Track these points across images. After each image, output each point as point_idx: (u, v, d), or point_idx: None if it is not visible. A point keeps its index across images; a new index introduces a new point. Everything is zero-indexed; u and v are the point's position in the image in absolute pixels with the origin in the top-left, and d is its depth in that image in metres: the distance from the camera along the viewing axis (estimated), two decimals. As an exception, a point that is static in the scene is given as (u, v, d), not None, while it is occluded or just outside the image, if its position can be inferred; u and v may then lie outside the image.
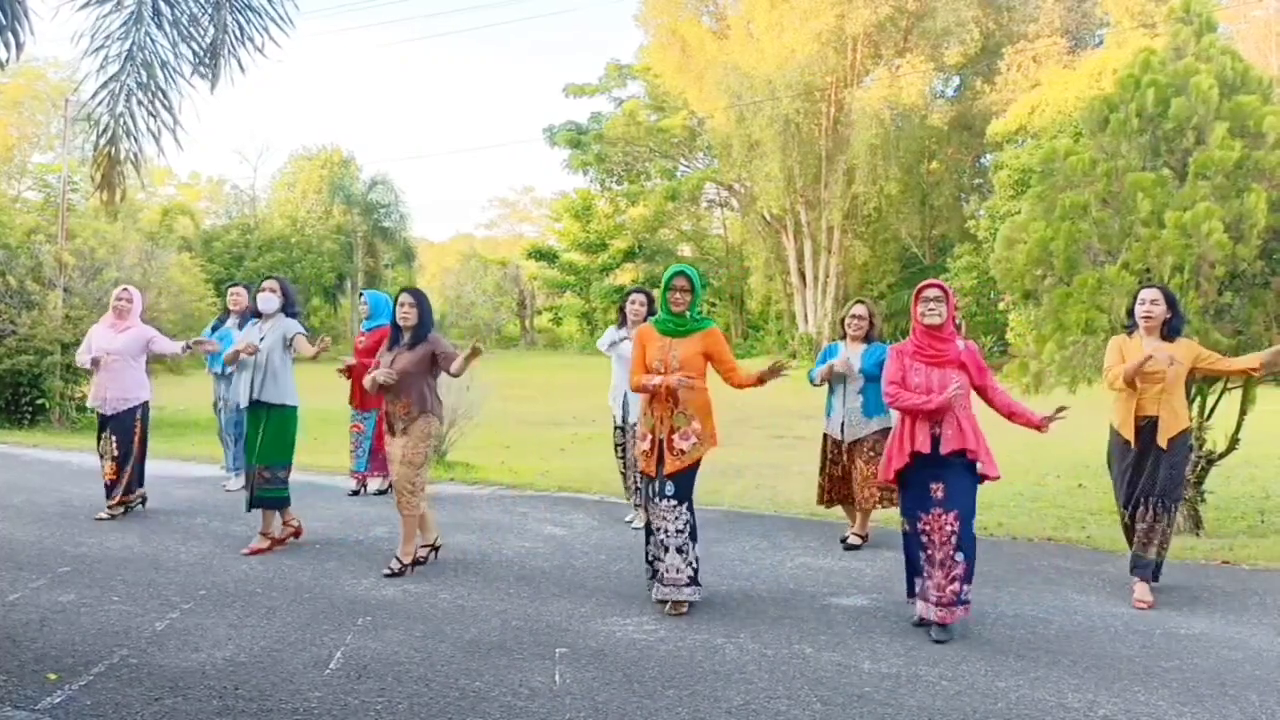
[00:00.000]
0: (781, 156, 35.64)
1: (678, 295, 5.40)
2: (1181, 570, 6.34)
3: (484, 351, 5.95)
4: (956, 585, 4.91)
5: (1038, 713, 3.99)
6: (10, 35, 3.62)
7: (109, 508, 7.53)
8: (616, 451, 7.72)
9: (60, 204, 28.43)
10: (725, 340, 5.55)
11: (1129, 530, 5.76)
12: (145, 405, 7.70)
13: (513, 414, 17.26)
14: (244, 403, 6.69)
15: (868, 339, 6.94)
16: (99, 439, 7.62)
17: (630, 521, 7.54)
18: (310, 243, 44.44)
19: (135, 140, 4.77)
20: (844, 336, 7.07)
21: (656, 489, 5.37)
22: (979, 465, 4.99)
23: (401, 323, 6.09)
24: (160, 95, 4.80)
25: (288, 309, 6.88)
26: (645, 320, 6.67)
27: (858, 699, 4.10)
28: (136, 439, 7.60)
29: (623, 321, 7.50)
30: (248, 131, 74.71)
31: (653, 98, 44.34)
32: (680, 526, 5.33)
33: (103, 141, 4.74)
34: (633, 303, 7.42)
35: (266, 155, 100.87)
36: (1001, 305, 25.03)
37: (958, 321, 4.97)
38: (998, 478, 5.06)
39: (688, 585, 5.33)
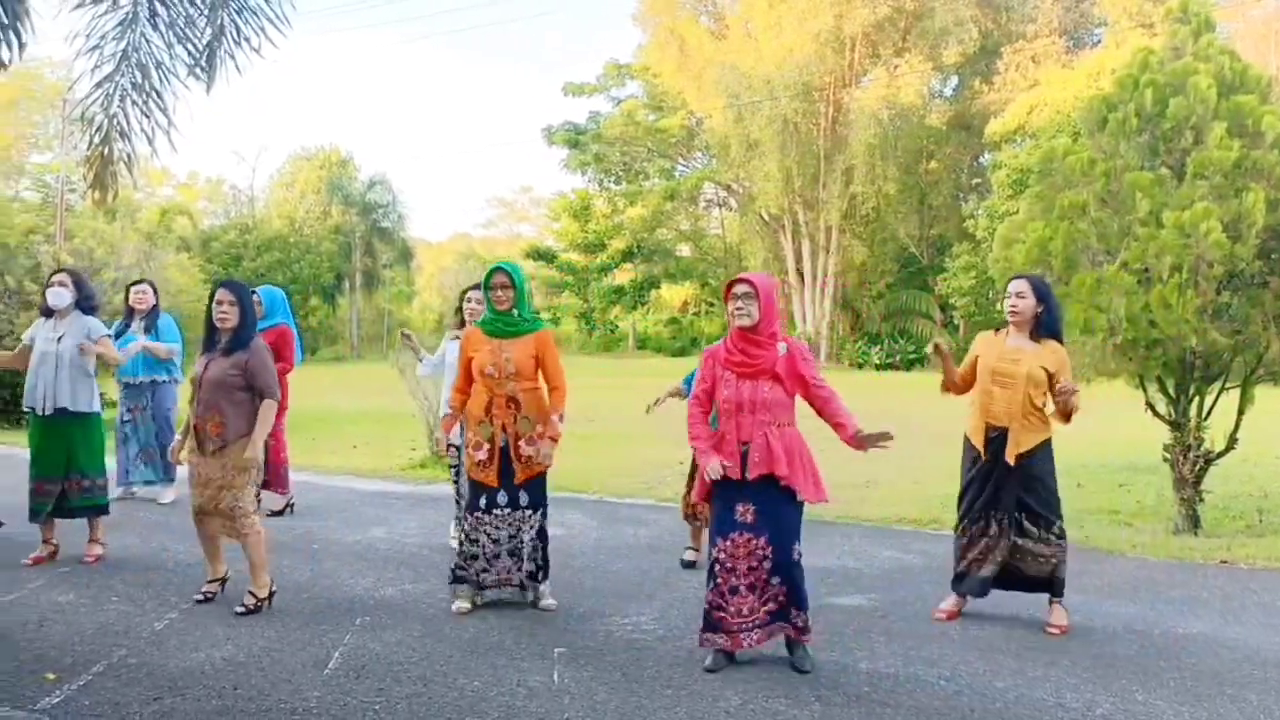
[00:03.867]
0: (780, 156, 35.69)
1: (499, 293, 5.19)
2: (1180, 570, 6.35)
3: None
4: (772, 604, 4.40)
5: (1035, 713, 3.99)
6: (13, 35, 3.62)
7: None
8: (453, 475, 6.72)
9: (58, 204, 28.49)
10: (555, 349, 5.29)
11: (964, 546, 5.22)
12: None
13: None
14: (43, 410, 6.07)
15: None
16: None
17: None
18: (309, 243, 44.49)
19: (129, 140, 4.77)
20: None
21: (503, 499, 5.18)
22: (798, 493, 4.39)
23: (219, 324, 5.20)
24: (155, 95, 4.80)
25: (84, 304, 6.25)
26: None
27: (856, 699, 4.10)
28: None
29: (462, 323, 6.50)
30: (246, 131, 74.67)
31: (651, 97, 44.39)
32: (532, 535, 5.21)
33: (96, 141, 4.74)
34: (469, 300, 6.42)
35: (265, 155, 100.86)
36: (999, 305, 25.05)
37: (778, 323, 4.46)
38: (821, 500, 4.51)
39: (521, 586, 5.26)
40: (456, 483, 6.53)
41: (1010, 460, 4.99)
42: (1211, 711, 4.01)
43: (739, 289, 4.43)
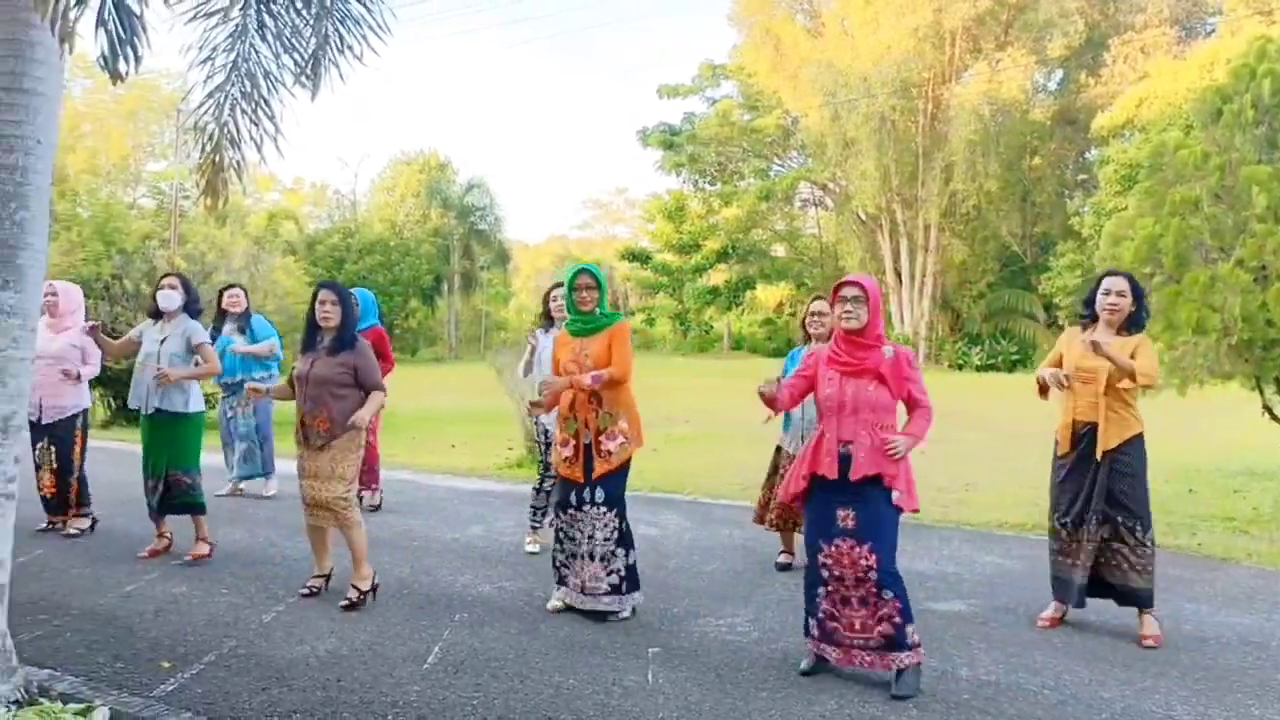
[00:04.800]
0: (877, 154, 35.24)
1: (583, 294, 5.22)
2: (1300, 580, 6.08)
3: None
4: (887, 626, 4.22)
5: (1145, 724, 3.86)
6: (129, 49, 3.77)
7: (50, 521, 7.05)
8: (540, 468, 6.71)
9: (172, 210, 29.63)
10: (627, 338, 5.26)
11: (1056, 550, 5.14)
12: (85, 413, 7.05)
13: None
14: (145, 410, 6.27)
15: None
16: (34, 447, 6.85)
17: (529, 546, 6.76)
18: (408, 246, 45.37)
19: (238, 148, 4.92)
20: (806, 339, 6.21)
21: (584, 496, 5.17)
22: (895, 494, 4.24)
23: (321, 323, 5.35)
24: (263, 104, 4.94)
25: (190, 307, 6.46)
26: None
27: (955, 706, 4.02)
28: (76, 450, 6.98)
29: (549, 323, 6.59)
30: (348, 137, 76.57)
31: (746, 97, 44.18)
32: (608, 534, 5.15)
33: (208, 149, 4.90)
34: (556, 300, 6.47)
35: (367, 160, 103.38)
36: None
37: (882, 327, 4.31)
38: (914, 510, 4.34)
39: (607, 594, 5.15)
40: (542, 477, 6.63)
41: (1099, 455, 4.88)
42: (1335, 729, 3.84)
43: (848, 291, 4.33)
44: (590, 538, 5.17)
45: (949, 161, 34.97)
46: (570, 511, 5.23)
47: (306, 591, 5.51)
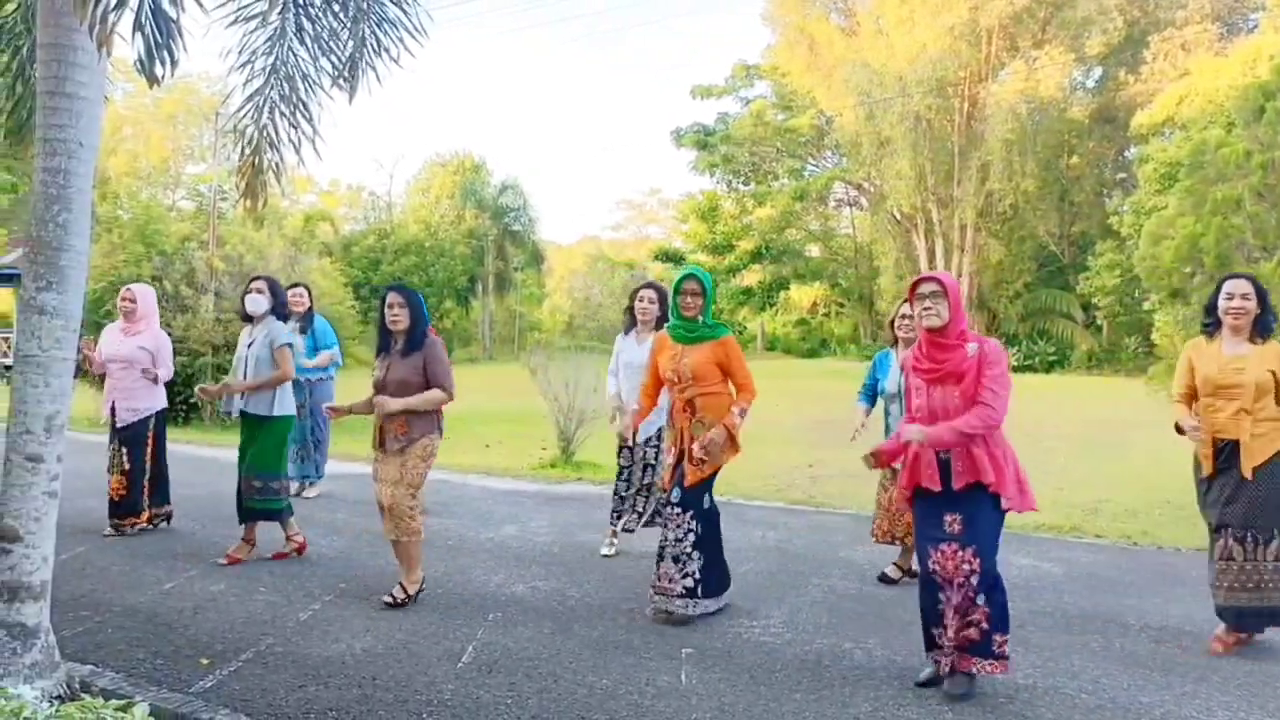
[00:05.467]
0: (912, 154, 35.01)
1: (688, 299, 5.20)
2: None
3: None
4: (974, 632, 4.09)
5: (1185, 730, 3.81)
6: (165, 53, 3.82)
7: (114, 524, 6.96)
8: (621, 475, 6.61)
9: (211, 212, 29.97)
10: (739, 352, 5.27)
11: (1216, 573, 4.85)
12: (159, 415, 7.10)
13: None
14: (234, 412, 6.39)
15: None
16: (108, 449, 7.03)
17: (609, 549, 6.68)
18: (443, 247, 45.60)
19: (277, 150, 4.98)
20: (895, 342, 6.07)
21: (670, 498, 5.21)
22: (1004, 500, 4.13)
23: (391, 327, 5.38)
24: (301, 107, 5.00)
25: (278, 310, 6.52)
26: (656, 320, 6.41)
27: (992, 709, 3.99)
28: (149, 452, 7.01)
29: (632, 324, 6.65)
30: (384, 139, 77.13)
31: (780, 97, 44.04)
32: (680, 535, 5.12)
33: (247, 151, 4.97)
34: (641, 300, 6.58)
35: (402, 162, 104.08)
36: (1147, 304, 24.00)
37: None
38: (1030, 510, 4.24)
39: (680, 597, 5.10)
40: (621, 483, 6.57)
41: (1247, 474, 4.65)
42: (1381, 737, 3.77)
43: (926, 288, 4.15)
44: (667, 537, 5.17)
45: (985, 161, 34.66)
46: (665, 511, 5.26)
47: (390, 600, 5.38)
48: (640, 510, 6.50)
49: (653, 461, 6.43)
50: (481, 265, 47.37)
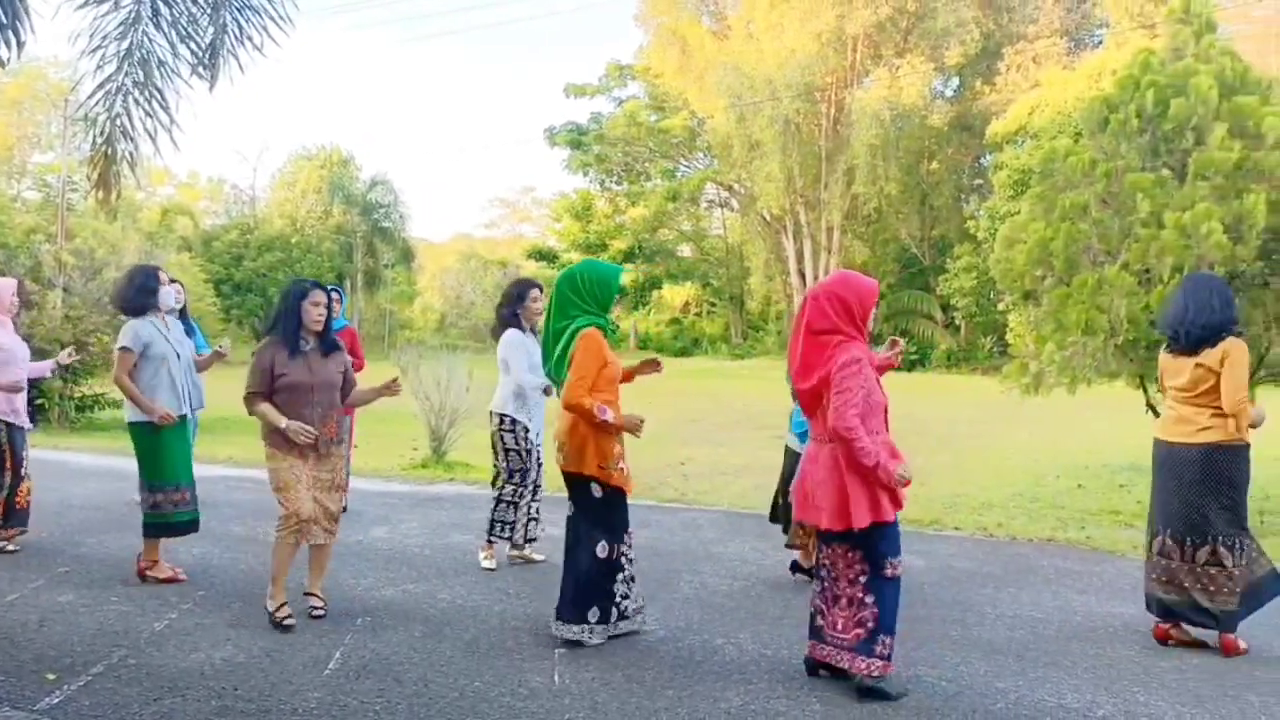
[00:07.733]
0: (782, 157, 35.73)
1: (619, 299, 5.23)
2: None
3: (398, 392, 5.25)
4: (863, 630, 4.17)
5: (1037, 713, 3.98)
6: (11, 34, 3.62)
7: None
8: (513, 478, 6.25)
9: (59, 204, 28.51)
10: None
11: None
12: (6, 426, 6.57)
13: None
14: (178, 412, 5.76)
15: None
16: None
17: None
18: (310, 242, 44.45)
19: (131, 140, 4.77)
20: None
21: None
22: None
23: (315, 326, 5.04)
24: (157, 95, 4.80)
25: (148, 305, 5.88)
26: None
27: (856, 700, 4.09)
28: (7, 466, 6.50)
29: (516, 321, 6.28)
30: (247, 131, 74.65)
31: (653, 98, 44.41)
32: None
33: (99, 141, 4.74)
34: (536, 301, 6.29)
35: (266, 155, 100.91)
36: (1001, 306, 25.05)
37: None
38: (851, 528, 4.13)
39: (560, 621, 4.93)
40: (510, 488, 6.24)
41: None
42: (1213, 712, 4.01)
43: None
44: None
45: (851, 164, 35.64)
46: (631, 531, 5.32)
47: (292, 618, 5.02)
48: (535, 516, 6.38)
49: (541, 458, 6.26)
50: (350, 262, 46.37)
